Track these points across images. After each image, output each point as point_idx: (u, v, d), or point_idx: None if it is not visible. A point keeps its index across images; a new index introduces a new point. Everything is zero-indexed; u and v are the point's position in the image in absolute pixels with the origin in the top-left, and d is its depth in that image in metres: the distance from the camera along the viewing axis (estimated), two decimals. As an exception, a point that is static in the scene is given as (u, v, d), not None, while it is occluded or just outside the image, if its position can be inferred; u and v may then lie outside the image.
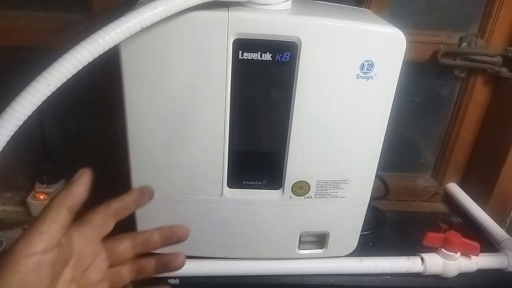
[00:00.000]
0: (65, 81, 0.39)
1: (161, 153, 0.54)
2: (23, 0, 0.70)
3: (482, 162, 0.85)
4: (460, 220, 0.86)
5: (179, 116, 0.52)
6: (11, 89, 0.39)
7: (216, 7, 0.47)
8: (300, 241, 0.63)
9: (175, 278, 0.63)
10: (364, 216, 0.63)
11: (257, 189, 0.58)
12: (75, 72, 0.39)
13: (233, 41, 0.47)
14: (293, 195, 0.58)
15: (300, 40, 0.48)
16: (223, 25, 0.46)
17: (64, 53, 0.38)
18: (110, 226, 0.38)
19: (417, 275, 0.66)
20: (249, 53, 0.48)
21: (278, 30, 0.47)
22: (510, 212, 0.83)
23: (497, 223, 0.78)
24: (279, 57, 0.49)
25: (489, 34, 0.75)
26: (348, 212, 0.61)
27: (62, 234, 0.32)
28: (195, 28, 0.46)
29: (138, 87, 0.50)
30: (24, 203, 0.78)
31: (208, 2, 0.45)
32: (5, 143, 0.38)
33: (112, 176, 0.79)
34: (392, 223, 0.81)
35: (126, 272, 0.39)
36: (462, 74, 0.79)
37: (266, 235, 0.62)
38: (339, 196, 0.59)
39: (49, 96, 0.39)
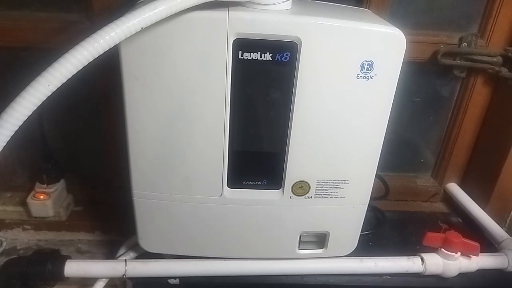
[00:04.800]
0: (65, 81, 0.39)
1: (161, 153, 0.54)
2: (23, 0, 0.70)
3: (482, 162, 0.85)
4: (460, 220, 0.86)
5: (179, 116, 0.52)
6: (11, 89, 0.39)
7: (216, 7, 0.47)
8: (300, 241, 0.63)
9: (175, 278, 0.63)
10: (364, 216, 0.63)
11: (257, 189, 0.58)
12: (75, 72, 0.39)
13: (233, 41, 0.47)
14: (293, 195, 0.58)
15: (300, 40, 0.48)
16: (223, 25, 0.46)
17: (64, 53, 0.38)
18: None
19: (417, 275, 0.66)
20: (249, 53, 0.48)
21: (278, 30, 0.47)
22: (510, 212, 0.83)
23: (497, 223, 0.78)
24: (279, 57, 0.49)
25: (489, 34, 0.75)
26: (348, 212, 0.61)
27: None
28: (195, 28, 0.46)
29: (138, 87, 0.50)
30: (24, 203, 0.78)
31: (208, 2, 0.45)
32: (5, 143, 0.38)
33: (112, 176, 0.79)
34: (392, 223, 0.81)
35: None
36: (462, 74, 0.79)
37: (266, 235, 0.62)
38: (339, 196, 0.59)
39: (49, 96, 0.39)
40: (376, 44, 0.49)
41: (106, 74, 0.66)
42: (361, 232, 0.65)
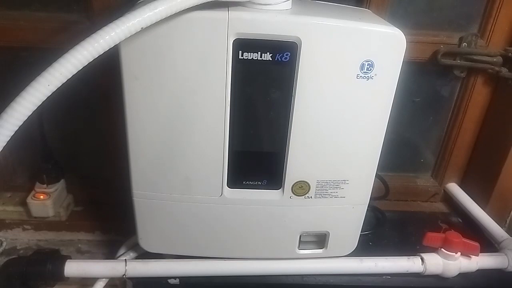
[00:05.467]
0: (65, 81, 0.39)
1: (161, 153, 0.54)
2: (23, 0, 0.70)
3: (482, 162, 0.85)
4: (460, 220, 0.86)
5: (179, 116, 0.52)
6: (11, 89, 0.39)
7: (216, 7, 0.47)
8: (300, 241, 0.63)
9: (175, 278, 0.63)
10: (364, 216, 0.63)
11: (257, 189, 0.58)
12: (75, 72, 0.39)
13: (233, 41, 0.47)
14: (293, 195, 0.58)
15: (300, 40, 0.48)
16: (223, 25, 0.46)
17: (64, 53, 0.38)
18: None
19: (417, 275, 0.66)
20: (249, 53, 0.48)
21: (278, 30, 0.47)
22: (510, 212, 0.83)
23: (497, 223, 0.78)
24: (279, 57, 0.49)
25: (489, 34, 0.75)
26: (348, 212, 0.61)
27: None
28: (195, 28, 0.46)
29: (138, 87, 0.50)
30: (24, 203, 0.78)
31: (208, 2, 0.45)
32: (5, 143, 0.38)
33: (112, 176, 0.79)
34: (392, 223, 0.81)
35: None
36: (462, 74, 0.79)
37: (266, 235, 0.62)
38: (339, 196, 0.59)
39: (49, 96, 0.39)
40: (376, 44, 0.49)
41: (106, 74, 0.66)
42: (361, 232, 0.65)
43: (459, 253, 0.65)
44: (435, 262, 0.65)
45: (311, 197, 0.58)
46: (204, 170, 0.55)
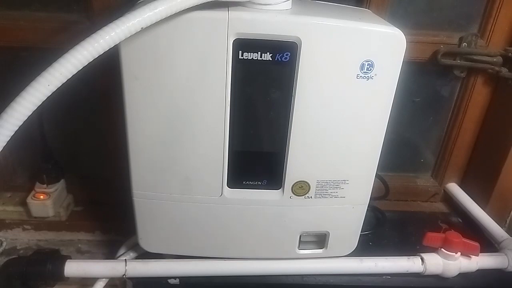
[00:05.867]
0: (65, 81, 0.39)
1: (161, 153, 0.54)
2: (23, 0, 0.70)
3: (482, 162, 0.85)
4: (460, 220, 0.86)
5: (179, 116, 0.52)
6: (11, 89, 0.39)
7: (216, 7, 0.47)
8: (300, 241, 0.63)
9: (175, 278, 0.63)
10: (364, 216, 0.63)
11: (257, 189, 0.58)
12: (75, 72, 0.39)
13: (233, 41, 0.47)
14: (293, 195, 0.58)
15: (300, 40, 0.48)
16: (223, 25, 0.46)
17: (64, 53, 0.38)
18: None
19: (417, 275, 0.66)
20: (249, 53, 0.48)
21: (278, 30, 0.47)
22: (510, 212, 0.84)
23: (497, 223, 0.78)
24: (279, 57, 0.49)
25: (489, 34, 0.75)
26: (348, 212, 0.61)
27: None
28: (195, 28, 0.46)
29: (138, 87, 0.50)
30: (24, 203, 0.78)
31: (208, 2, 0.45)
32: (5, 143, 0.38)
33: (112, 176, 0.79)
34: (392, 223, 0.81)
35: None
36: (462, 74, 0.79)
37: (266, 235, 0.62)
38: (339, 196, 0.59)
39: (49, 96, 0.39)
40: (376, 44, 0.49)
41: (106, 74, 0.66)
42: (361, 232, 0.65)
43: (459, 253, 0.65)
44: (435, 262, 0.65)
45: (311, 197, 0.58)
46: (204, 170, 0.55)
